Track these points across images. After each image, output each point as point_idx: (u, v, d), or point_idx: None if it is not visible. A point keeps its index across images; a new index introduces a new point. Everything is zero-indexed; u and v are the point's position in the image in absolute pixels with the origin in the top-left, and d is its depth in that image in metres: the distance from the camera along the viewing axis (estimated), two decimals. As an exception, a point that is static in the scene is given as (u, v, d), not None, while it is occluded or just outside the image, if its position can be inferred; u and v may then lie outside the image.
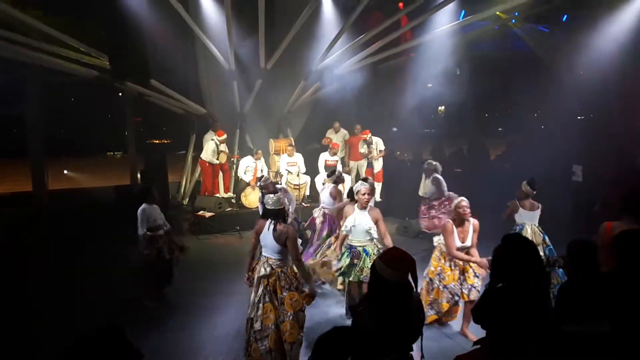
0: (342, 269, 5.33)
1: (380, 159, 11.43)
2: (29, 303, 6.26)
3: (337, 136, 11.96)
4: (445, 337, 5.28)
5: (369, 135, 11.20)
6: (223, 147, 10.99)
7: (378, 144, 11.31)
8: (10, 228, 9.50)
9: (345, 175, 10.89)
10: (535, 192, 6.12)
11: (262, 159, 10.90)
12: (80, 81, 11.37)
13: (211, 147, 10.75)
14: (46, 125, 12.03)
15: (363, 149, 11.33)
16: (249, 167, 10.67)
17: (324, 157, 10.94)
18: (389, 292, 2.73)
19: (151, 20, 9.48)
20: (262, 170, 10.69)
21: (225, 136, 10.93)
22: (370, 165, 11.25)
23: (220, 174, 11.15)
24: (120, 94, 14.18)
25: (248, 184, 10.70)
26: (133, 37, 9.27)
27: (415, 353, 2.87)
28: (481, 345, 2.15)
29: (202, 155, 10.88)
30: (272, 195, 4.57)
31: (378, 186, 10.98)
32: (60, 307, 6.05)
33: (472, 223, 5.20)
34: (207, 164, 10.81)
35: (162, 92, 10.64)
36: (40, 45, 9.05)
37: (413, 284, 2.77)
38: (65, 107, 20.79)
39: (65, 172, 17.11)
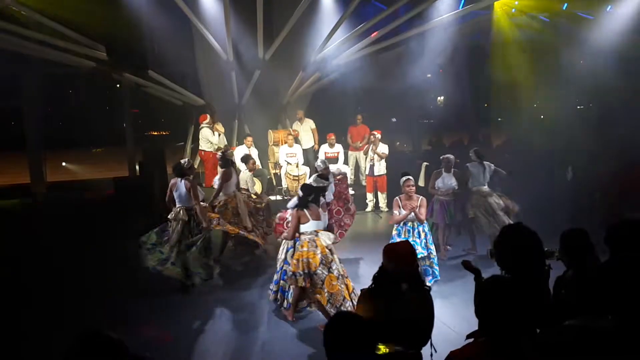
0: None
1: (384, 166, 10.11)
2: (28, 298, 6.14)
3: (302, 126, 11.62)
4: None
5: (379, 134, 10.10)
6: (220, 134, 10.87)
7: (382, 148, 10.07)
8: (9, 220, 9.51)
9: (344, 166, 10.89)
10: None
11: (253, 146, 10.52)
12: (78, 73, 11.33)
13: (205, 133, 10.57)
14: (44, 118, 11.99)
15: (369, 153, 10.15)
16: None
17: (324, 150, 10.89)
18: (389, 283, 2.72)
19: (149, 10, 9.43)
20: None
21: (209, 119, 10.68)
22: (370, 169, 10.08)
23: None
24: (118, 85, 14.14)
25: None
26: (130, 28, 9.23)
27: None
28: (474, 339, 2.08)
29: (200, 147, 10.81)
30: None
31: (382, 197, 10.22)
32: (59, 302, 5.96)
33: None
34: (210, 155, 10.67)
35: (160, 83, 10.58)
36: (37, 37, 9.00)
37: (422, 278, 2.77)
38: (63, 99, 20.69)
39: (64, 164, 17.06)
